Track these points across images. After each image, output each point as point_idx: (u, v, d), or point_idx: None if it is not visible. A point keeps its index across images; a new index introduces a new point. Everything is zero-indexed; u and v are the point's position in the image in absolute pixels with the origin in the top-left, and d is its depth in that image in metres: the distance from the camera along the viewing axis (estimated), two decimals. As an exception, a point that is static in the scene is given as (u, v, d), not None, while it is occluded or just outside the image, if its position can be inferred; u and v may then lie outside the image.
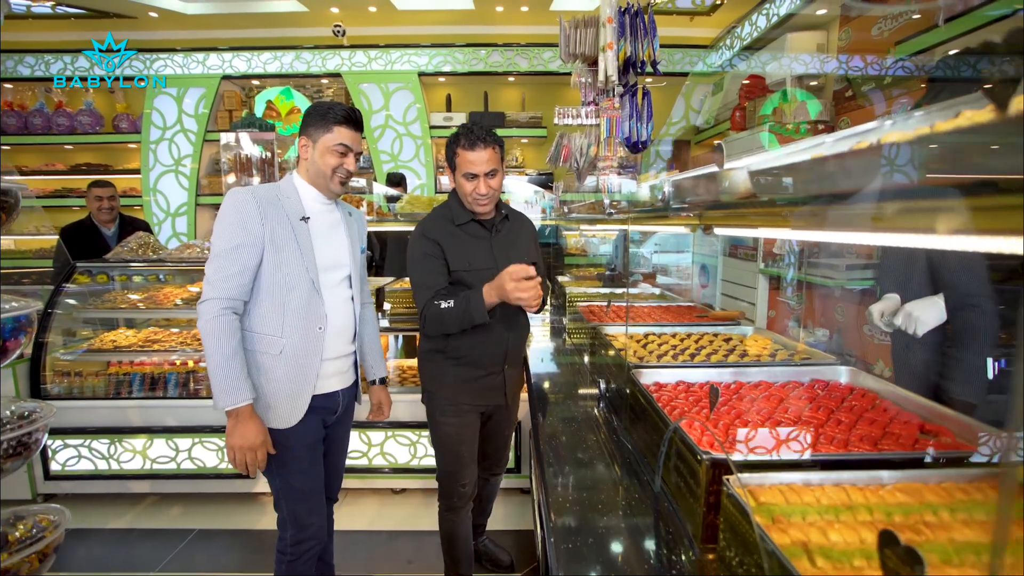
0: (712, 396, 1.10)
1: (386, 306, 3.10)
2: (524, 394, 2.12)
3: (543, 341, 2.70)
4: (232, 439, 1.56)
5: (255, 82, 5.73)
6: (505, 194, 4.55)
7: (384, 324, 3.05)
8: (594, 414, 1.67)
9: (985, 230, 0.37)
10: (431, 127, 5.57)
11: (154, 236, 3.67)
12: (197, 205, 5.59)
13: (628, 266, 3.38)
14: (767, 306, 3.66)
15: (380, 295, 3.06)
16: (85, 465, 3.02)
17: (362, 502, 3.03)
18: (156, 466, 3.01)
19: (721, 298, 4.29)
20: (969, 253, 1.37)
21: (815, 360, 1.49)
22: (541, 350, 2.51)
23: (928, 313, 1.69)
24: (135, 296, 3.32)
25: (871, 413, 1.16)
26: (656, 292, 2.94)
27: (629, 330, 1.92)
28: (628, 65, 3.07)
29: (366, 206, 3.53)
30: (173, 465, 3.01)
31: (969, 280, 1.70)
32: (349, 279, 1.80)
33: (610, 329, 1.94)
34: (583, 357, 2.30)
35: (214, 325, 1.52)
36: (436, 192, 5.64)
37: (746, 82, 4.38)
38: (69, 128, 5.60)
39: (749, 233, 1.29)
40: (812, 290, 3.36)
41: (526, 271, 1.61)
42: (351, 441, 2.95)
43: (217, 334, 1.51)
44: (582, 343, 2.40)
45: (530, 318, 2.08)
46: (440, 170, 5.87)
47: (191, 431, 2.97)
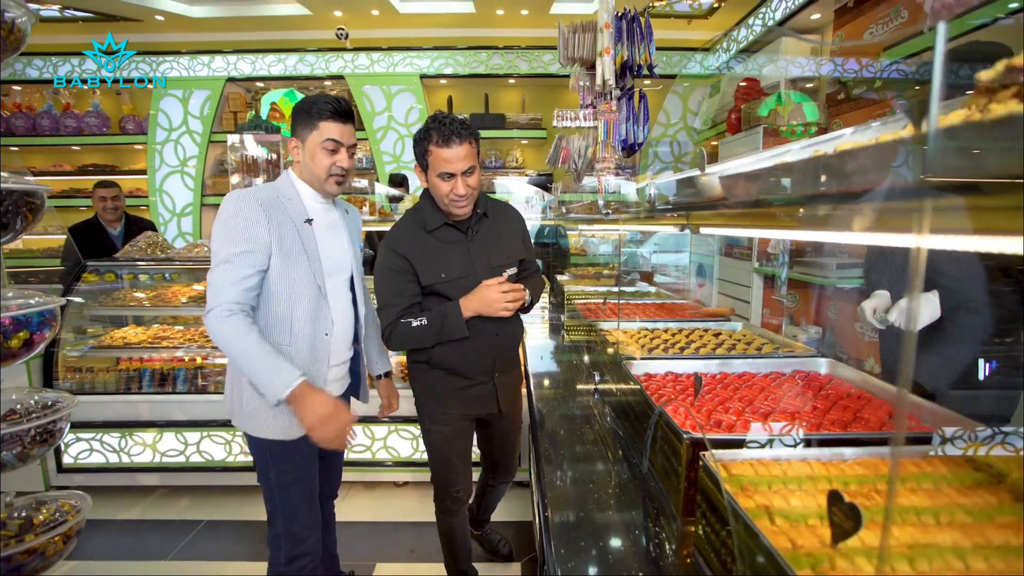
0: (696, 383, 1.18)
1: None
2: (523, 390, 2.18)
3: (542, 338, 2.78)
4: (308, 422, 1.43)
5: (259, 84, 5.81)
6: (506, 194, 4.64)
7: (387, 321, 3.13)
8: (589, 405, 1.75)
9: (897, 229, 0.45)
10: (432, 128, 5.65)
11: (162, 235, 3.75)
12: (202, 205, 5.68)
13: (620, 265, 3.46)
14: (761, 304, 3.74)
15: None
16: (97, 458, 3.11)
17: (366, 495, 3.11)
18: (165, 459, 3.10)
19: (717, 296, 4.37)
20: (962, 254, 1.44)
21: (797, 353, 1.57)
22: (540, 347, 2.59)
23: (923, 310, 1.65)
24: (143, 294, 3.41)
25: (845, 400, 1.24)
26: (652, 290, 3.02)
27: (623, 326, 2.00)
28: (625, 69, 3.15)
29: (368, 206, 3.61)
30: (182, 458, 3.09)
31: (963, 280, 1.66)
32: (350, 280, 1.75)
33: (605, 325, 2.02)
34: (580, 352, 2.39)
35: (228, 326, 1.41)
36: (437, 192, 5.72)
37: (742, 84, 4.46)
38: (76, 129, 5.69)
39: (729, 232, 1.37)
40: (805, 288, 3.44)
41: (499, 284, 1.65)
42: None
43: (235, 334, 1.41)
44: (579, 339, 2.48)
45: (530, 316, 2.06)
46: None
47: (199, 425, 3.05)
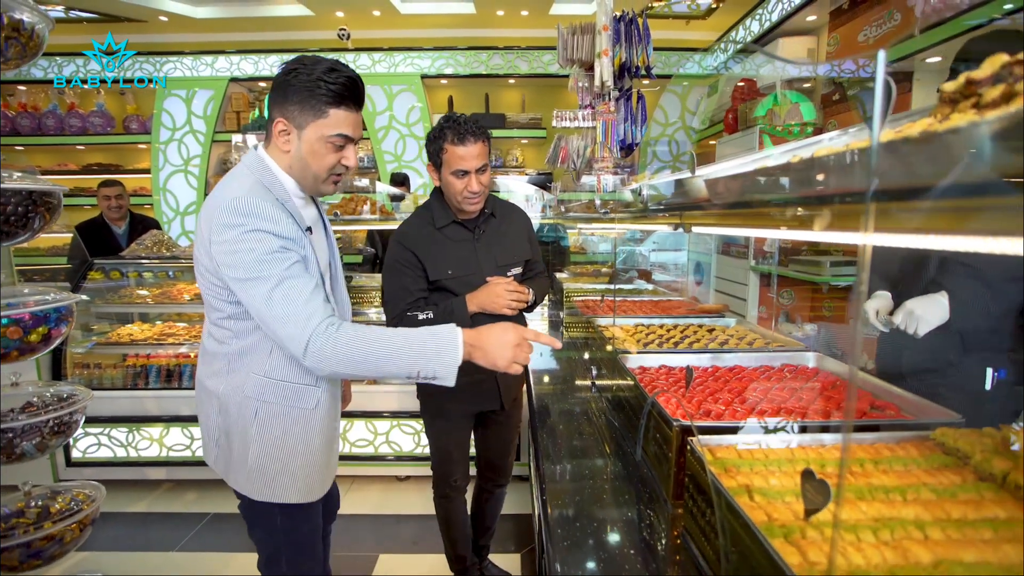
0: (687, 374, 1.24)
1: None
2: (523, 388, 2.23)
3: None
4: (501, 361, 1.21)
5: (262, 84, 5.86)
6: (506, 193, 4.70)
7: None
8: (587, 398, 1.81)
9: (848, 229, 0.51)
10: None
11: (167, 234, 3.81)
12: (206, 204, 5.74)
13: (616, 263, 3.53)
14: (758, 302, 3.79)
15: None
16: (105, 452, 3.17)
17: (368, 488, 3.17)
18: (172, 453, 3.16)
19: (715, 294, 4.42)
20: (982, 258, 1.43)
21: (787, 347, 1.63)
22: (539, 344, 2.65)
23: (931, 311, 1.53)
24: (149, 291, 3.47)
25: (830, 391, 1.29)
26: (649, 288, 3.08)
27: (620, 322, 2.05)
28: (623, 70, 3.20)
29: (369, 205, 3.66)
30: (188, 452, 3.15)
31: (979, 285, 1.53)
32: (334, 282, 1.47)
33: (602, 321, 2.08)
34: (578, 348, 2.44)
35: (353, 336, 1.14)
36: (438, 191, 5.78)
37: (740, 84, 4.51)
38: (81, 129, 5.75)
39: (718, 231, 1.41)
40: (800, 286, 3.49)
41: (506, 283, 1.72)
42: (358, 430, 3.11)
43: (367, 336, 1.15)
44: (577, 335, 2.54)
45: (531, 314, 2.06)
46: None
47: (206, 420, 3.11)
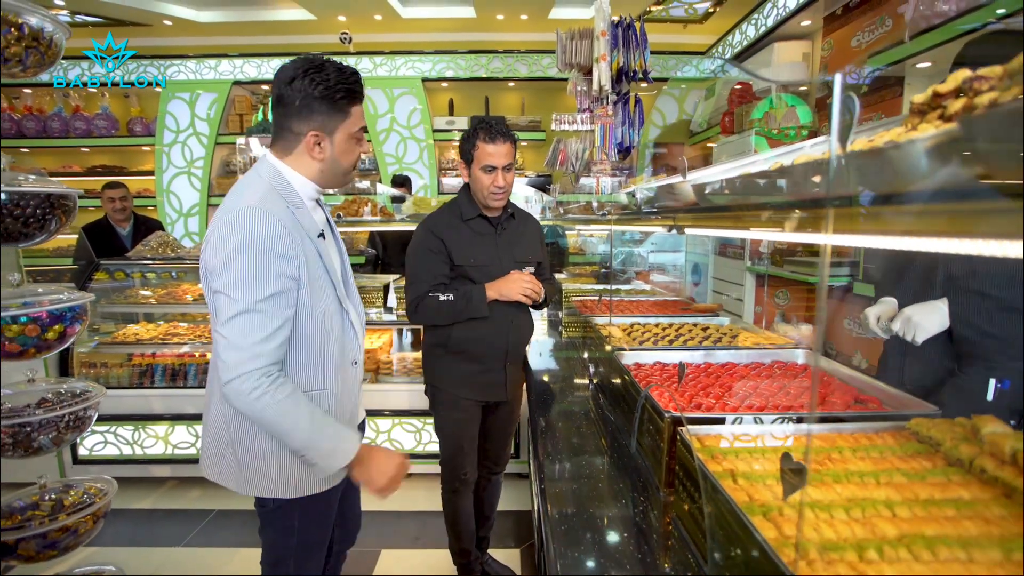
0: (680, 370, 1.29)
1: (392, 301, 3.29)
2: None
3: (540, 334, 2.90)
4: (372, 487, 1.29)
5: (264, 87, 5.93)
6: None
7: (391, 319, 3.25)
8: (584, 395, 1.86)
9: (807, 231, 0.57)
10: (434, 130, 5.77)
11: (171, 235, 3.87)
12: (208, 206, 5.80)
13: (612, 263, 3.59)
14: (754, 302, 3.85)
15: (387, 291, 3.26)
16: (111, 450, 3.22)
17: (370, 485, 3.22)
18: (177, 451, 3.21)
19: (712, 295, 4.48)
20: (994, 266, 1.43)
21: (777, 345, 1.68)
22: (538, 342, 2.71)
23: (929, 319, 1.51)
24: (155, 292, 3.52)
25: (817, 386, 1.35)
26: (646, 288, 3.14)
27: (617, 321, 2.11)
28: (621, 74, 3.26)
29: (371, 206, 3.71)
30: (193, 450, 3.20)
31: (991, 303, 1.50)
32: (346, 285, 1.48)
33: (599, 320, 2.14)
34: (576, 345, 2.50)
35: (271, 402, 1.16)
36: (439, 193, 5.84)
37: (736, 87, 4.57)
38: (86, 131, 5.81)
39: (708, 232, 1.47)
40: (796, 287, 3.55)
41: (525, 275, 1.89)
42: (361, 427, 3.16)
43: (282, 410, 1.17)
44: (576, 334, 2.60)
45: (533, 316, 2.14)
46: (443, 172, 6.07)
47: (211, 418, 3.16)
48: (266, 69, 5.68)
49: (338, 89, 1.23)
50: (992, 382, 1.53)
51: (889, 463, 0.87)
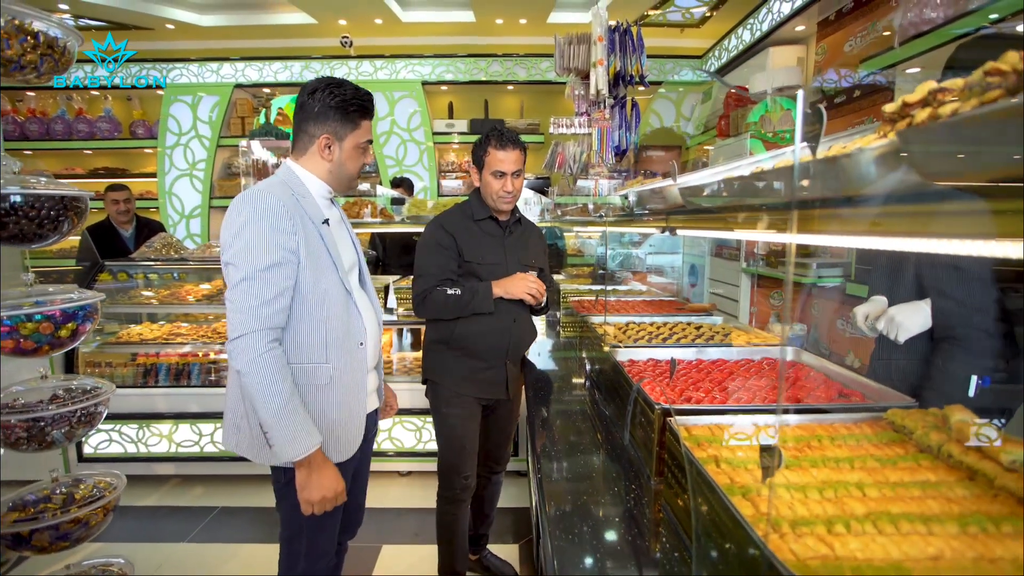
0: (671, 365, 1.35)
1: (392, 302, 3.34)
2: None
3: (539, 334, 2.95)
4: (309, 493, 1.33)
5: (266, 90, 5.98)
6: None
7: (392, 319, 3.30)
8: (581, 391, 1.92)
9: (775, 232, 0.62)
10: (434, 133, 5.83)
11: (175, 237, 3.92)
12: (210, 207, 5.85)
13: (609, 263, 3.65)
14: (749, 302, 3.91)
15: (387, 292, 3.32)
16: (115, 448, 3.27)
17: (371, 483, 3.25)
18: (181, 449, 3.26)
19: (708, 296, 4.53)
20: (968, 270, 1.51)
21: (767, 342, 1.74)
22: (537, 342, 2.76)
23: (912, 319, 1.59)
24: (159, 292, 3.57)
25: (803, 381, 1.40)
26: (643, 288, 3.19)
27: (613, 320, 2.16)
28: (618, 79, 3.32)
29: (371, 208, 3.77)
30: (196, 448, 3.25)
31: (967, 297, 1.57)
32: (360, 278, 1.66)
33: (595, 319, 2.19)
34: (573, 344, 2.56)
35: (262, 365, 1.26)
36: (439, 195, 5.90)
37: (733, 91, 4.64)
38: (88, 134, 5.87)
39: (695, 233, 1.52)
40: (787, 287, 3.61)
41: (530, 276, 1.96)
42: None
43: (268, 375, 1.26)
44: (573, 334, 2.65)
45: (535, 322, 2.19)
46: (442, 174, 6.13)
47: (214, 417, 3.21)
48: (267, 72, 5.74)
49: (352, 102, 1.41)
50: (973, 379, 1.58)
51: (864, 450, 0.92)
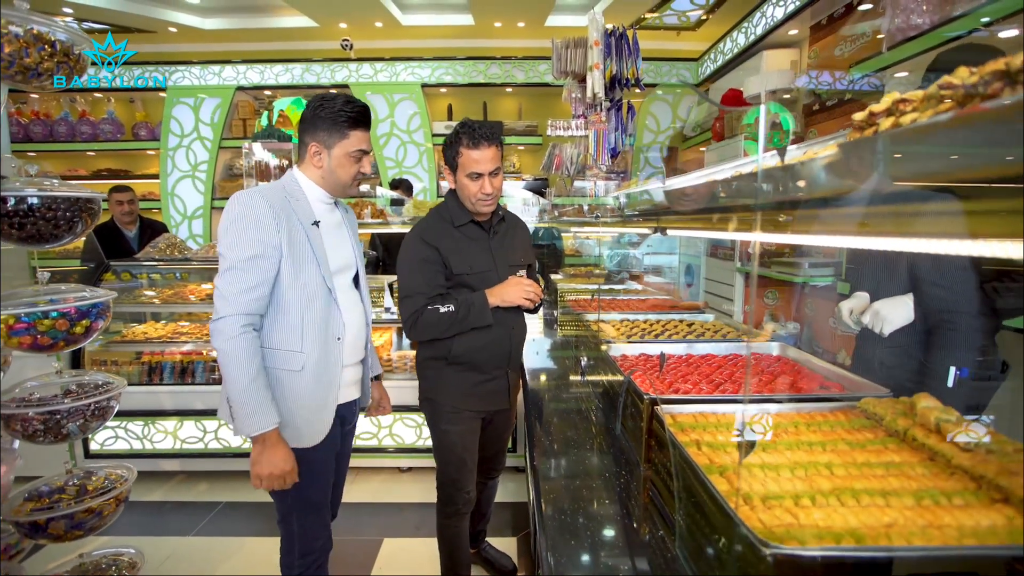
0: (661, 359, 1.42)
1: (391, 302, 3.41)
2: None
3: (536, 332, 3.02)
4: (259, 467, 1.45)
5: (267, 92, 6.05)
6: (503, 198, 4.87)
7: (391, 318, 3.36)
8: (576, 386, 1.98)
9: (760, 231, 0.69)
10: (433, 135, 5.90)
11: (178, 237, 3.98)
12: (212, 208, 5.92)
13: (605, 263, 3.72)
14: (743, 301, 3.98)
15: (387, 292, 3.38)
16: (121, 445, 3.33)
17: (372, 479, 3.33)
18: (186, 446, 3.32)
19: (704, 295, 4.61)
20: (952, 266, 1.58)
21: (755, 338, 1.80)
22: (534, 340, 2.83)
23: (896, 313, 1.63)
24: (163, 292, 3.63)
25: (787, 374, 1.47)
26: (638, 288, 3.26)
27: (608, 317, 2.23)
28: (614, 82, 3.39)
29: (370, 209, 3.83)
30: (201, 445, 3.31)
31: (948, 292, 1.63)
32: (356, 280, 1.73)
33: (590, 316, 2.26)
34: (569, 341, 2.62)
35: (235, 345, 1.39)
36: (438, 196, 5.97)
37: (715, 105, 4.71)
38: (92, 136, 5.93)
39: (684, 233, 1.58)
40: (784, 287, 3.68)
41: (525, 281, 1.85)
42: (362, 422, 3.27)
43: (239, 355, 1.39)
44: (570, 332, 2.72)
45: (527, 319, 2.13)
46: (442, 176, 6.19)
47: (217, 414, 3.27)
48: (268, 75, 5.81)
49: (340, 113, 1.52)
50: (952, 370, 1.64)
51: (836, 435, 0.99)
